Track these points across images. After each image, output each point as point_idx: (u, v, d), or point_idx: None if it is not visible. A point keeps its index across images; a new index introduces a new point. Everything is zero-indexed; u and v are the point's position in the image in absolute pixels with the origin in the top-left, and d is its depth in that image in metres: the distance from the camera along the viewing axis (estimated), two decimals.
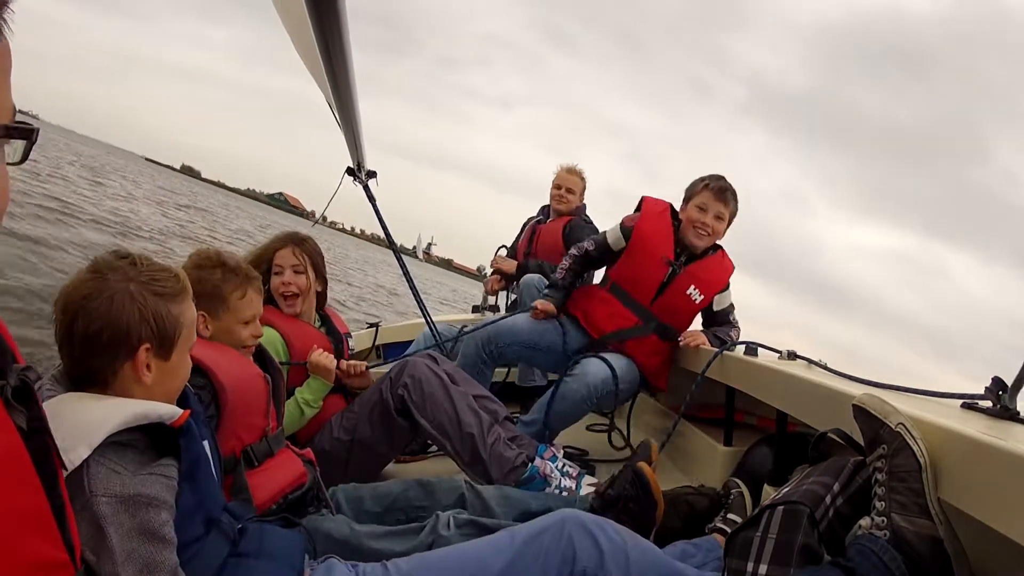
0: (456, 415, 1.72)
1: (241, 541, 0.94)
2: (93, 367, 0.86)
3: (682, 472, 2.21)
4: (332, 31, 1.02)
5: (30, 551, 0.54)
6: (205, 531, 0.88)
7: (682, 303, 2.23)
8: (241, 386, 1.32)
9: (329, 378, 1.76)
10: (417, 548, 1.21)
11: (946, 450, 0.94)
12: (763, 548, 0.94)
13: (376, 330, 2.84)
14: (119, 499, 0.73)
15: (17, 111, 0.53)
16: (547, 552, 0.97)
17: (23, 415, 0.58)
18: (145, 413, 0.81)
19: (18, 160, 0.53)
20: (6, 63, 0.51)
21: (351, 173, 2.42)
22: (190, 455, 0.85)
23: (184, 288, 0.95)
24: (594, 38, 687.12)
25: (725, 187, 2.22)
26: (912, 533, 0.90)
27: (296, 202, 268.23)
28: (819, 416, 1.36)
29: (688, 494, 1.56)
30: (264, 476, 1.34)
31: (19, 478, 0.54)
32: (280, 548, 0.99)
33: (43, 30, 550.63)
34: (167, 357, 0.91)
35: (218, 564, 0.87)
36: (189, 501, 0.84)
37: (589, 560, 0.96)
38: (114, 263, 0.90)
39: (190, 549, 0.83)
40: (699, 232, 2.21)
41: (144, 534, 0.74)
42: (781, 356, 1.81)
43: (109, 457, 0.76)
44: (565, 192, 3.17)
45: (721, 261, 2.30)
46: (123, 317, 0.86)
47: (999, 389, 1.05)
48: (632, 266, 2.27)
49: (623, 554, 0.98)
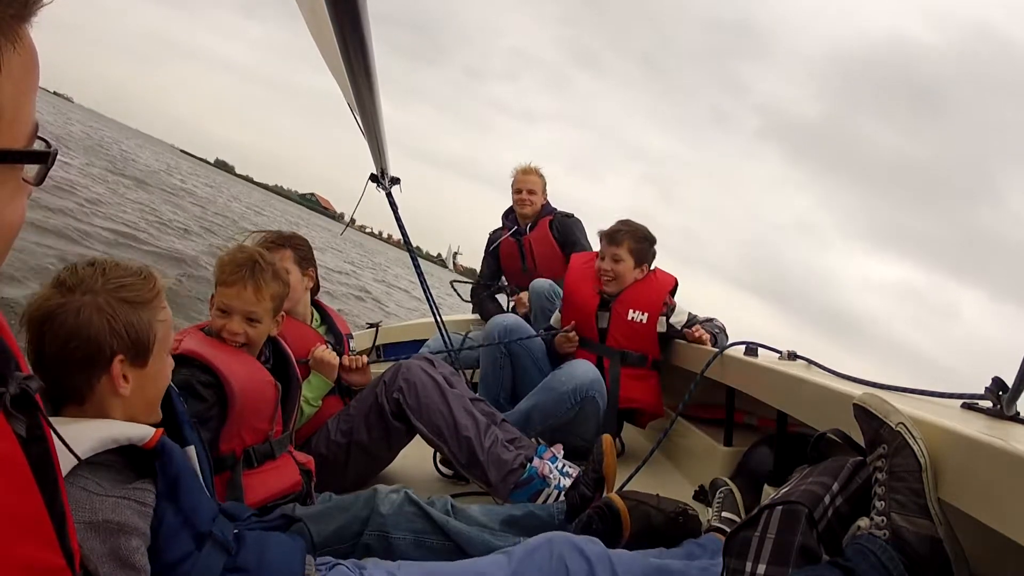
0: (452, 418, 1.70)
1: (240, 552, 0.92)
2: (68, 385, 0.84)
3: (682, 473, 2.21)
4: (354, 39, 1.02)
5: (26, 556, 0.54)
6: (196, 546, 0.85)
7: (630, 328, 2.32)
8: (250, 391, 1.33)
9: (332, 375, 1.75)
10: (353, 521, 1.27)
11: (946, 450, 0.93)
12: (762, 548, 0.94)
13: (376, 330, 2.83)
14: (88, 525, 0.72)
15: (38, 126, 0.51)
16: (541, 566, 1.04)
17: (23, 423, 0.58)
18: (115, 437, 0.78)
19: (34, 182, 0.52)
20: (29, 78, 0.49)
21: (375, 180, 2.43)
22: (167, 476, 0.83)
23: (156, 292, 0.92)
24: (618, 60, 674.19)
25: (616, 230, 2.36)
26: (911, 533, 0.90)
27: (327, 203, 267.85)
28: (819, 416, 1.35)
29: (651, 506, 1.55)
30: (259, 478, 1.35)
31: (16, 484, 0.54)
32: (280, 558, 0.97)
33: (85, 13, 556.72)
34: (144, 365, 0.89)
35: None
36: (173, 520, 0.82)
37: (580, 570, 1.04)
38: (79, 274, 0.87)
39: (183, 566, 0.81)
40: (604, 280, 2.35)
41: (115, 560, 0.72)
42: (781, 356, 1.81)
43: (81, 475, 0.74)
44: (527, 194, 3.05)
45: (653, 280, 2.37)
46: (92, 331, 0.83)
47: (999, 389, 1.05)
48: (569, 314, 2.43)
49: (607, 560, 1.07)
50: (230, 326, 1.40)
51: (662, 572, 1.11)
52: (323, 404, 1.78)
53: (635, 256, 2.33)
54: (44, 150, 0.51)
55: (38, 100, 0.52)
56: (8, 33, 0.46)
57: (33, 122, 0.50)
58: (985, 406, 1.08)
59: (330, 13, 0.93)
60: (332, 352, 1.76)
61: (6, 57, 0.46)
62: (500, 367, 2.46)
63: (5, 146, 0.48)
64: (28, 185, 0.52)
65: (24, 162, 0.50)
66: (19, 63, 0.47)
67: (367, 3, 0.93)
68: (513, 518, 1.46)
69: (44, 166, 0.51)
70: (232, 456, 1.32)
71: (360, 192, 2.34)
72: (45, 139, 0.52)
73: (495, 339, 2.42)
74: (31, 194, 0.54)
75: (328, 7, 0.91)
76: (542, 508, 1.54)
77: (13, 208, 0.51)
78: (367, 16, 0.97)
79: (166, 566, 0.79)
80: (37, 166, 0.51)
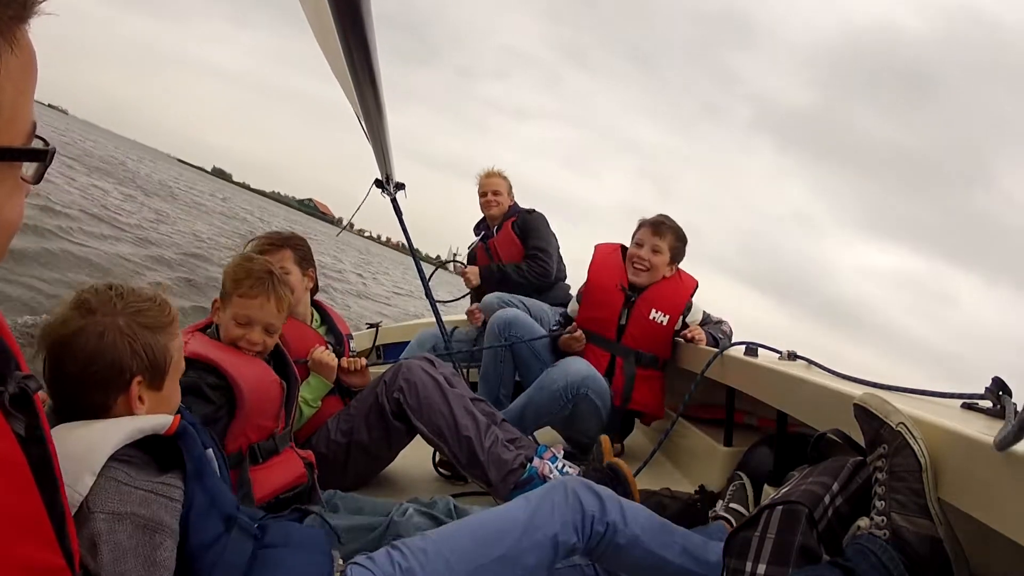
0: (453, 418, 1.71)
1: (266, 535, 0.93)
2: (86, 404, 0.84)
3: (682, 473, 2.21)
4: (359, 47, 1.02)
5: (25, 555, 0.54)
6: (226, 528, 0.86)
7: (650, 328, 2.29)
8: (257, 392, 1.35)
9: (330, 376, 1.76)
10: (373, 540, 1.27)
11: (947, 450, 0.93)
12: (762, 548, 0.94)
13: (376, 330, 2.84)
14: (116, 517, 0.71)
15: (36, 125, 0.51)
16: (558, 505, 1.09)
17: (22, 422, 0.58)
18: (140, 427, 0.80)
19: (32, 180, 0.52)
20: (28, 78, 0.49)
21: (379, 185, 2.43)
22: (193, 456, 0.84)
23: (172, 318, 0.94)
24: (608, 56, 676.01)
25: (660, 221, 2.33)
26: (912, 533, 0.90)
27: (325, 208, 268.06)
28: (819, 416, 1.35)
29: (663, 496, 1.57)
30: (265, 473, 1.37)
31: (15, 484, 0.54)
32: (309, 538, 0.98)
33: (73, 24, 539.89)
34: (159, 387, 0.91)
35: (245, 560, 0.85)
36: (202, 500, 0.82)
37: (593, 507, 1.10)
38: (100, 296, 0.88)
39: (215, 548, 0.81)
40: (636, 268, 2.32)
41: (138, 558, 0.71)
42: (781, 356, 1.81)
43: (111, 466, 0.74)
44: (492, 196, 3.12)
45: (678, 281, 2.35)
46: (115, 353, 0.84)
47: (999, 389, 1.04)
48: (590, 306, 2.38)
49: (617, 501, 1.14)
50: (250, 336, 1.42)
51: (665, 526, 1.17)
52: (323, 405, 1.78)
53: (672, 252, 2.32)
54: (42, 148, 0.51)
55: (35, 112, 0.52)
56: (7, 34, 0.46)
57: (31, 121, 0.50)
58: (985, 406, 1.08)
59: (335, 22, 0.93)
60: (331, 354, 1.76)
61: (5, 58, 0.46)
62: (500, 362, 2.46)
63: (4, 144, 0.48)
64: (26, 184, 0.52)
65: (23, 160, 0.50)
66: (17, 64, 0.48)
67: (371, 12, 0.93)
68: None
69: (42, 164, 0.52)
70: (239, 453, 1.34)
71: (361, 196, 2.34)
72: (43, 138, 0.52)
73: (496, 334, 2.41)
74: (28, 192, 0.54)
75: (333, 16, 0.91)
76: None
77: (12, 205, 0.51)
78: (372, 24, 0.97)
79: (199, 548, 0.79)
80: (35, 165, 0.51)
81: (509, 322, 2.41)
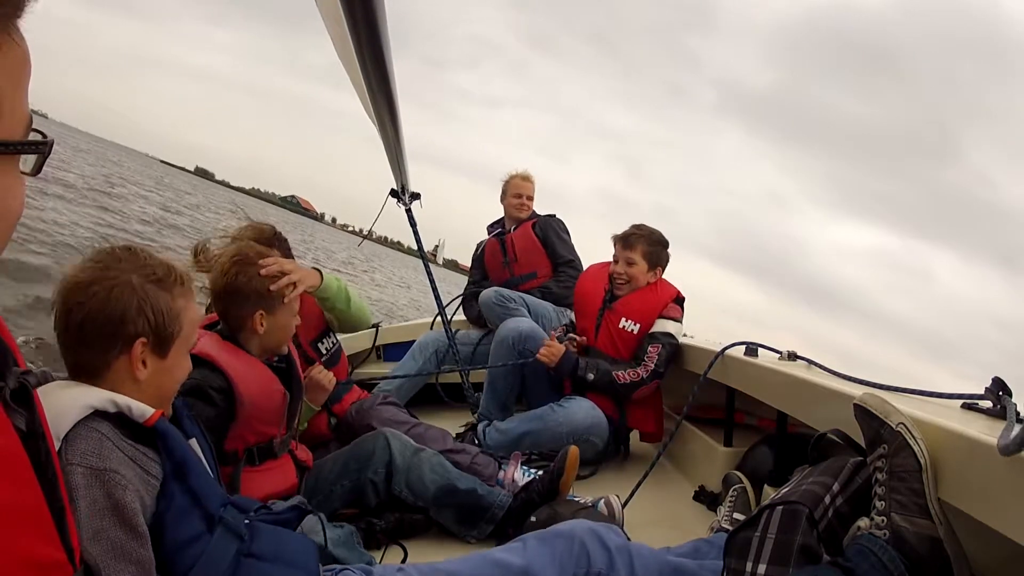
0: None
1: (254, 542, 0.92)
2: (87, 357, 0.84)
3: (682, 473, 2.21)
4: (374, 57, 1.03)
5: (27, 549, 0.54)
6: (207, 528, 0.85)
7: (618, 335, 2.32)
8: (258, 398, 1.36)
9: (320, 400, 1.77)
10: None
11: (946, 450, 0.93)
12: (762, 548, 0.94)
13: (376, 331, 2.83)
14: (94, 472, 0.71)
15: (32, 119, 0.51)
16: (561, 556, 1.04)
17: (22, 417, 0.58)
18: (113, 400, 0.79)
19: (31, 172, 0.53)
20: (23, 72, 0.50)
21: (394, 195, 2.42)
22: (172, 456, 0.83)
23: (187, 287, 0.93)
24: (573, 41, 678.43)
25: (630, 234, 2.38)
26: (912, 533, 0.90)
27: (308, 205, 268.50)
28: (819, 416, 1.36)
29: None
30: (259, 477, 1.38)
31: (17, 478, 0.54)
32: (297, 552, 0.97)
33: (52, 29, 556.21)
34: (164, 355, 0.90)
35: (228, 562, 0.84)
36: (182, 500, 0.82)
37: (600, 561, 1.04)
38: (118, 253, 0.89)
39: (194, 547, 0.81)
40: (617, 283, 2.38)
41: (116, 515, 0.71)
42: (781, 357, 1.81)
43: (95, 421, 0.74)
44: (526, 200, 3.10)
45: (654, 290, 2.35)
46: (121, 306, 0.84)
47: (999, 389, 1.05)
48: (578, 316, 2.50)
49: (627, 553, 1.07)
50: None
51: (677, 571, 1.11)
52: (310, 423, 1.82)
53: (648, 259, 2.34)
54: (41, 140, 0.51)
55: None
56: (2, 30, 0.47)
57: (28, 115, 0.51)
58: (985, 406, 1.08)
59: (351, 35, 0.94)
60: (329, 377, 1.76)
61: (2, 52, 0.47)
62: (510, 371, 2.42)
63: (3, 137, 0.49)
64: (25, 176, 0.53)
65: (24, 152, 0.51)
66: (13, 58, 0.48)
67: (387, 27, 0.94)
68: (454, 488, 1.53)
69: (41, 156, 0.52)
70: (234, 454, 1.35)
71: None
72: (40, 131, 0.52)
73: (510, 346, 2.39)
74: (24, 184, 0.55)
75: (349, 30, 0.92)
76: (486, 489, 1.58)
77: (13, 196, 0.52)
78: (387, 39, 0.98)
79: (178, 545, 0.79)
80: (34, 158, 0.52)
81: (524, 335, 2.39)
